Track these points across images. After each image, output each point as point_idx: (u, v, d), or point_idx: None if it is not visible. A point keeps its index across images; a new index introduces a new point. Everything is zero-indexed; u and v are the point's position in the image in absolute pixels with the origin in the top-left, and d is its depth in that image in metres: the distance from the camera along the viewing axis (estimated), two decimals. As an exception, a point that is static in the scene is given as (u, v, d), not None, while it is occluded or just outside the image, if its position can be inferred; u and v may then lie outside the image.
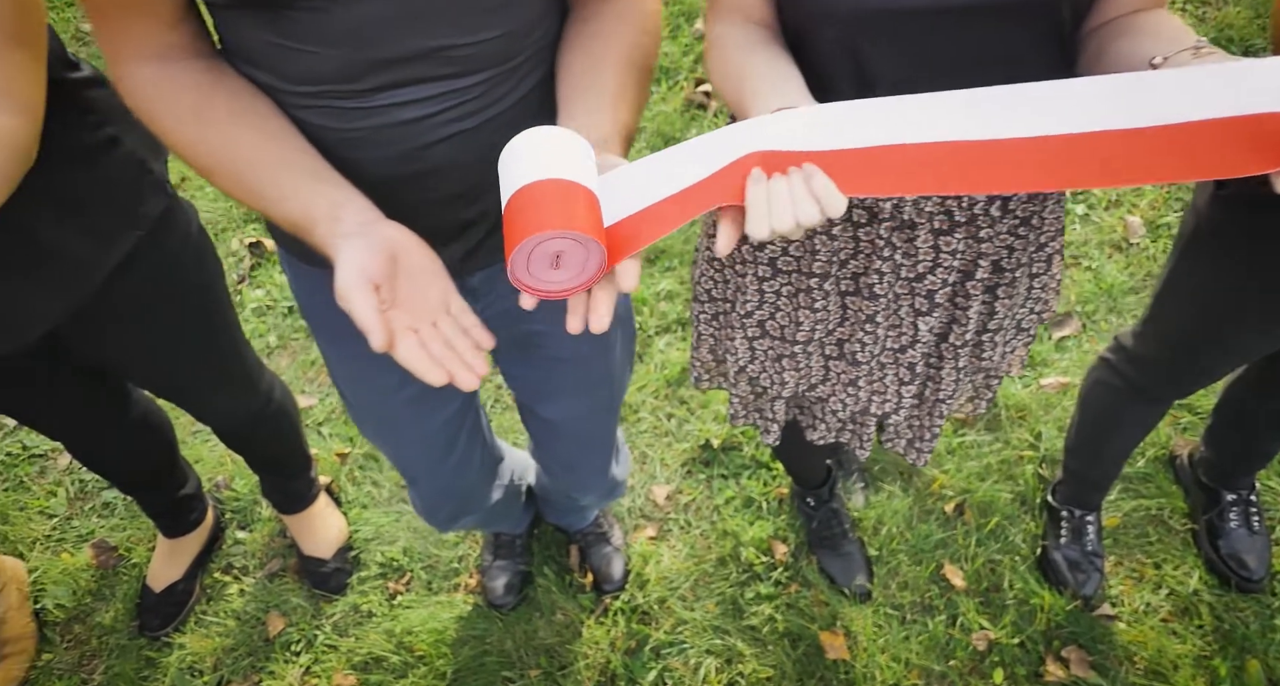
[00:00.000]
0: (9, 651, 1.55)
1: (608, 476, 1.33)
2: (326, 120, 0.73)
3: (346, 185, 0.70)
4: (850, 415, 1.03)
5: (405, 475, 1.19)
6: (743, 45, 0.73)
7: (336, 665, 1.56)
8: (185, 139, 0.71)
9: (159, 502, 1.56)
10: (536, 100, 0.79)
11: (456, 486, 1.21)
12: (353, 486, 1.79)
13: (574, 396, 1.12)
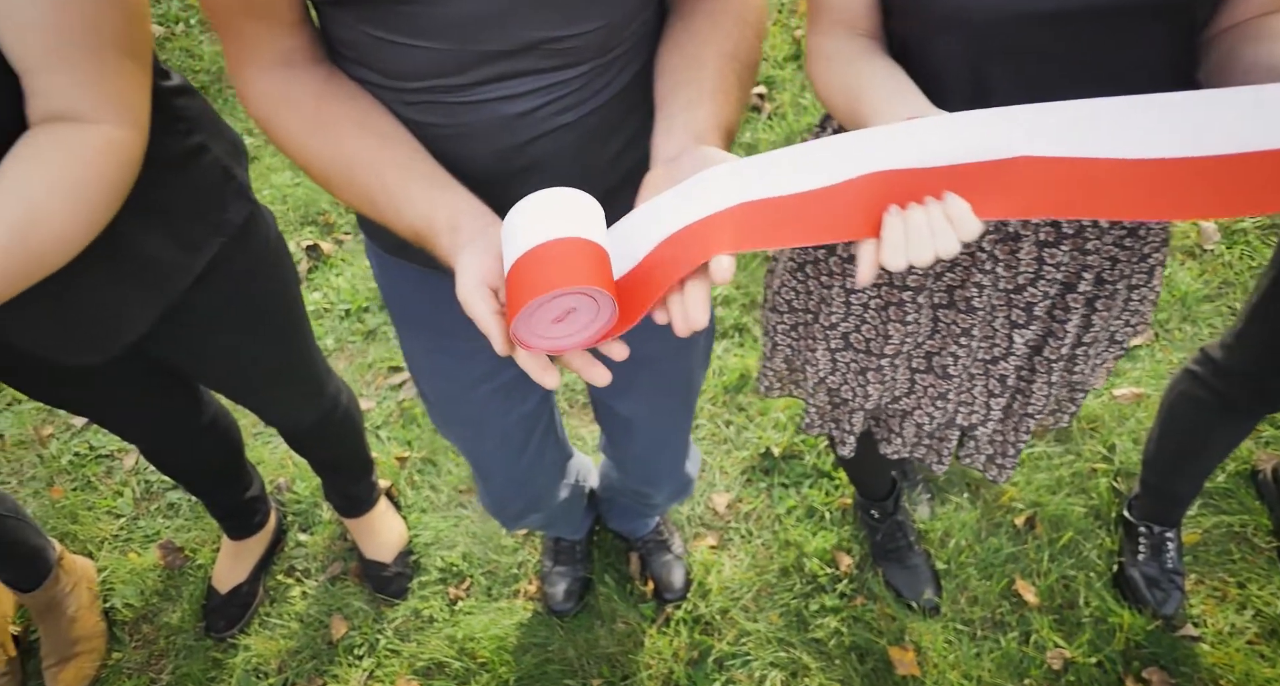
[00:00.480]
0: (80, 649, 1.57)
1: (682, 472, 1.31)
2: (429, 116, 0.73)
3: (460, 190, 0.69)
4: (934, 428, 1.00)
5: (478, 470, 1.19)
6: (852, 57, 0.71)
7: (399, 670, 1.57)
8: (305, 149, 0.72)
9: (225, 504, 1.58)
10: (634, 93, 0.77)
11: (528, 482, 1.21)
12: (412, 490, 1.79)
13: (652, 393, 1.11)
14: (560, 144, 0.75)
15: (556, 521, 1.44)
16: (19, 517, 1.44)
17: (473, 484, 1.80)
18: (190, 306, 1.04)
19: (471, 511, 1.77)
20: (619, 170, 0.82)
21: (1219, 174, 0.54)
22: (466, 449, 1.14)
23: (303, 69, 0.72)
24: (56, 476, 1.84)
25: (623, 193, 0.84)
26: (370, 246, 0.96)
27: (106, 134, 0.72)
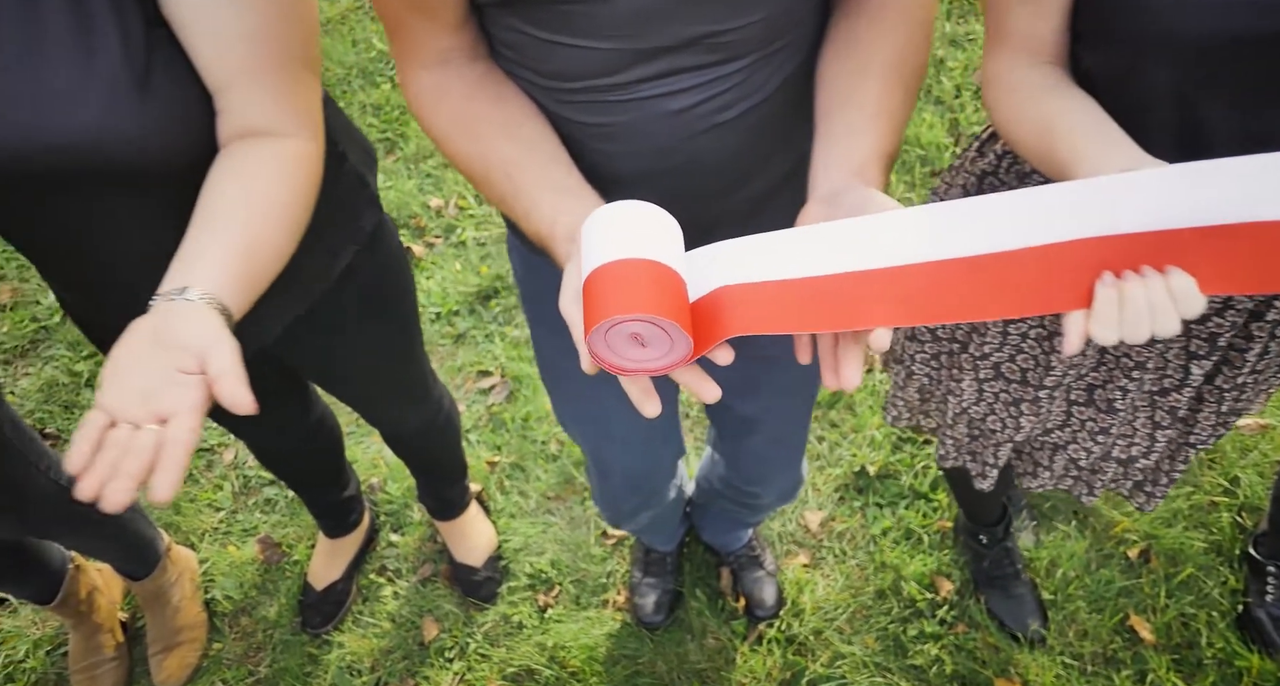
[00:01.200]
0: (183, 638, 1.61)
1: (795, 471, 1.29)
2: (586, 115, 0.72)
3: (589, 201, 0.69)
4: (1091, 462, 0.96)
5: (597, 467, 1.19)
6: (1043, 90, 0.67)
7: (489, 674, 1.57)
8: (450, 146, 0.73)
9: (323, 503, 1.60)
10: (794, 90, 0.75)
11: (646, 480, 1.21)
12: (501, 495, 1.80)
13: (776, 394, 1.09)
14: (718, 142, 0.74)
15: (659, 523, 1.43)
16: (134, 508, 1.48)
17: (562, 491, 1.80)
18: (320, 311, 1.06)
19: (560, 519, 1.77)
20: (775, 172, 0.80)
21: None
22: (589, 446, 1.14)
23: (458, 67, 0.73)
24: (160, 468, 1.89)
25: (779, 196, 0.82)
26: (513, 243, 0.97)
27: (297, 149, 0.73)
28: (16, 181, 0.72)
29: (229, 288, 0.66)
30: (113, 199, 0.76)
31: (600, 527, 1.75)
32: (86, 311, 0.94)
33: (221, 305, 0.64)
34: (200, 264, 0.65)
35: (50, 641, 1.64)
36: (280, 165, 0.72)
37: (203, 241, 0.67)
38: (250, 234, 0.69)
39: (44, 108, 0.68)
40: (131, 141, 0.70)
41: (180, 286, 0.64)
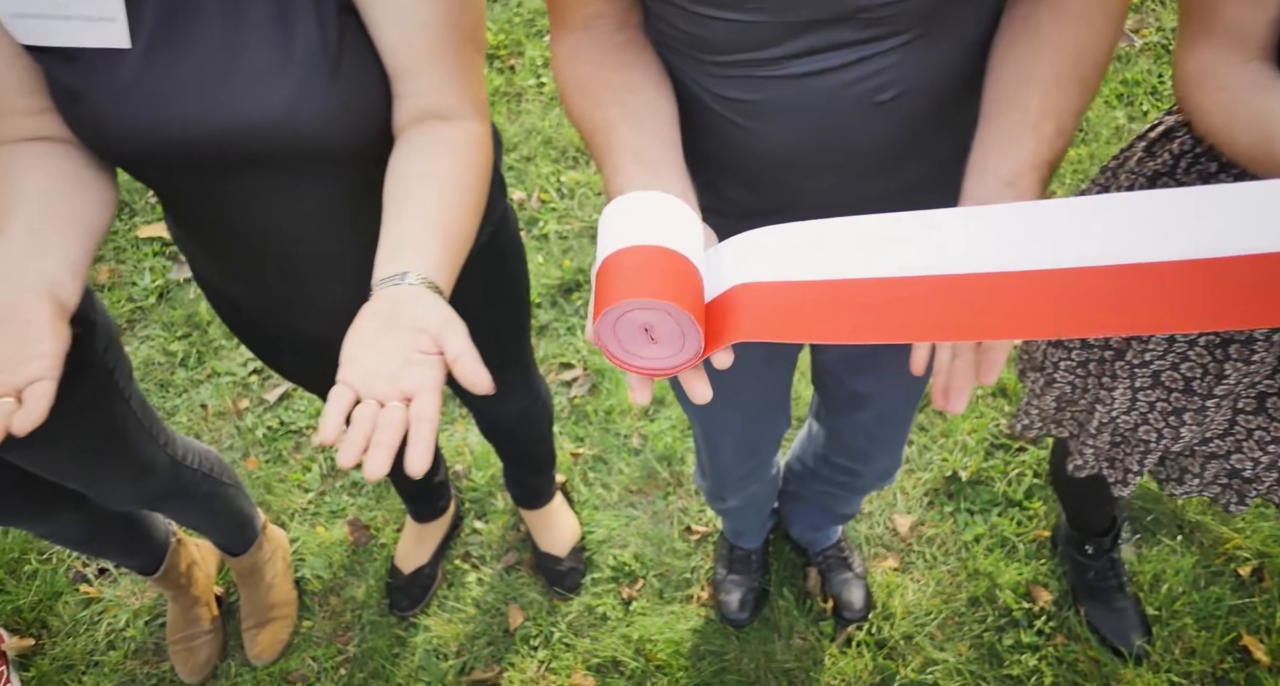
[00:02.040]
0: (276, 615, 1.65)
1: (898, 451, 1.27)
2: (736, 90, 0.71)
3: (668, 178, 0.68)
4: (1255, 472, 0.92)
5: (708, 439, 1.19)
6: (1258, 87, 0.63)
7: (573, 664, 1.58)
8: (569, 105, 0.73)
9: (415, 487, 1.62)
10: (960, 74, 0.72)
11: (758, 447, 1.21)
12: (585, 487, 1.81)
13: (892, 373, 1.08)
14: (871, 125, 0.72)
15: (756, 505, 1.43)
16: (237, 485, 1.52)
17: (645, 485, 1.80)
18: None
19: (642, 513, 1.77)
20: (930, 159, 0.78)
21: None
22: (702, 414, 1.14)
23: (600, 33, 0.73)
24: (251, 448, 1.94)
25: (931, 186, 0.80)
26: None
27: (474, 131, 0.75)
28: (209, 159, 0.74)
29: (438, 270, 0.68)
30: (287, 178, 0.78)
31: (684, 523, 1.74)
32: (235, 287, 0.96)
33: (438, 287, 0.66)
34: (410, 249, 0.67)
35: (149, 611, 1.69)
36: (462, 148, 0.74)
37: (407, 227, 0.69)
38: (446, 216, 0.71)
39: (243, 89, 0.70)
40: (320, 123, 0.72)
41: (400, 272, 0.66)
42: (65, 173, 0.73)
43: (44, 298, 0.64)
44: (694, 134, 0.79)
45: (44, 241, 0.67)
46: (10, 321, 0.61)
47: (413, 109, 0.74)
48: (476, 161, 0.74)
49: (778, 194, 0.81)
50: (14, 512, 1.18)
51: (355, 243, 0.87)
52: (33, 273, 0.65)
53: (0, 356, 0.60)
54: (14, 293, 0.63)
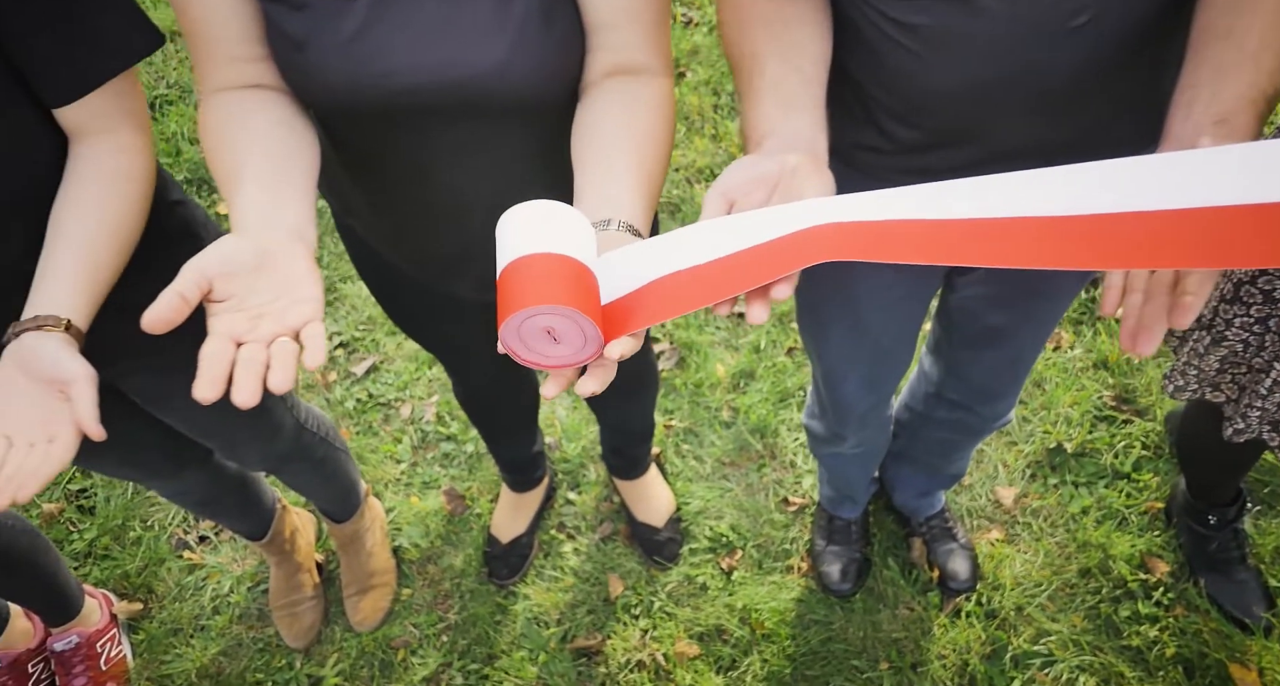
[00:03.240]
0: (376, 582, 1.66)
1: (1014, 398, 1.26)
2: (907, 13, 0.70)
3: (802, 120, 0.68)
4: None
5: (835, 373, 1.18)
6: None
7: (676, 632, 1.57)
8: (727, 39, 0.77)
9: (514, 456, 1.63)
10: (1156, 3, 0.68)
11: (883, 384, 1.21)
12: (679, 459, 1.80)
13: (1029, 314, 1.07)
14: (1060, 52, 0.69)
15: (869, 453, 1.41)
16: (346, 451, 1.53)
17: (737, 457, 1.79)
18: None
19: (736, 485, 1.76)
20: (1114, 98, 0.75)
21: None
22: (830, 350, 1.14)
23: None
24: (341, 420, 1.95)
25: (1112, 129, 0.77)
26: None
27: (663, 85, 0.75)
28: (420, 111, 0.75)
29: (639, 218, 0.68)
30: (487, 131, 0.79)
31: (780, 494, 1.73)
32: (401, 247, 0.96)
33: (639, 232, 0.67)
34: (614, 197, 0.68)
35: (250, 578, 1.71)
36: (655, 104, 0.74)
37: (611, 176, 0.69)
38: (645, 168, 0.71)
39: (463, 42, 0.71)
40: (532, 77, 0.73)
41: (605, 219, 0.67)
42: (283, 120, 0.74)
43: (298, 243, 0.65)
44: (859, 66, 0.77)
45: (281, 189, 0.68)
46: (274, 267, 0.62)
47: (607, 63, 0.75)
48: (666, 116, 0.74)
49: (945, 131, 0.79)
50: (153, 470, 1.20)
51: (535, 195, 0.88)
52: (281, 220, 0.66)
53: (270, 301, 0.61)
54: (272, 240, 0.63)
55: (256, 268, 0.62)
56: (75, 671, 1.51)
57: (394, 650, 1.61)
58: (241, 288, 0.61)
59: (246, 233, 0.64)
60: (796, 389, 1.87)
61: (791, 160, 0.64)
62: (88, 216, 0.76)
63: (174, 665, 1.60)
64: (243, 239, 0.63)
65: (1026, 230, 0.54)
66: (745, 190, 0.64)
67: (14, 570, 1.33)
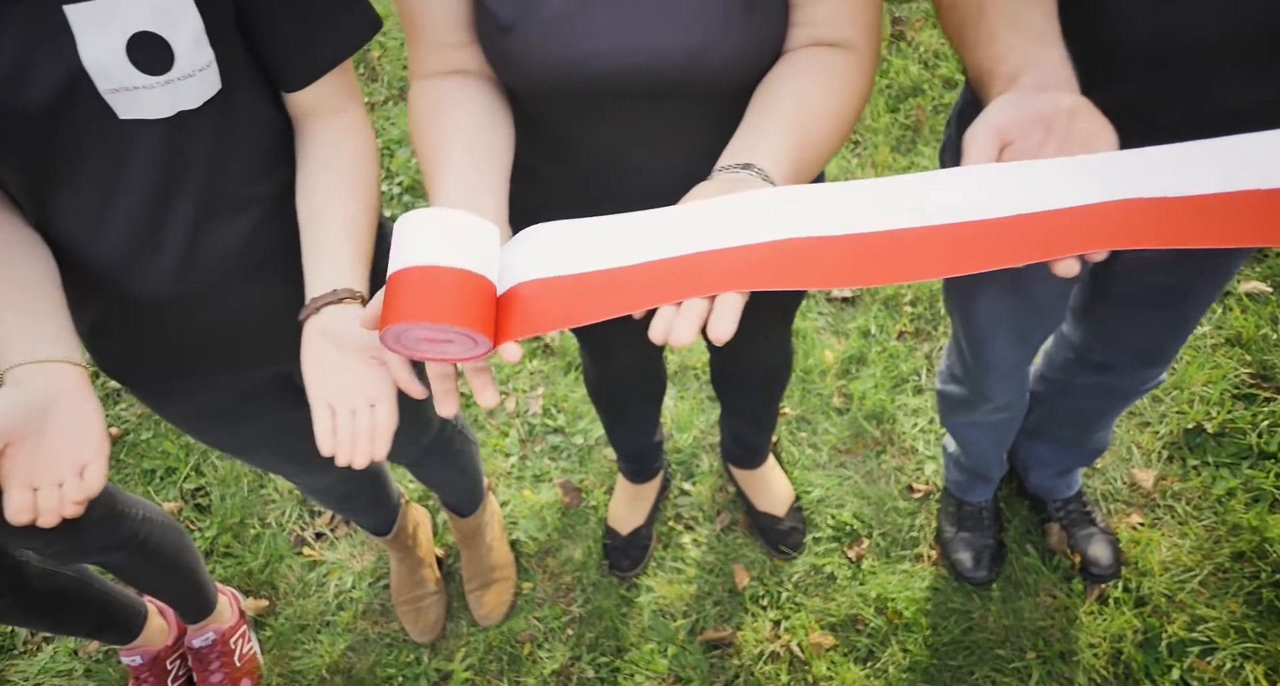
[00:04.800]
0: (497, 576, 1.65)
1: (1167, 364, 1.21)
2: None
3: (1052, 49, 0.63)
4: None
5: (982, 333, 1.16)
6: None
7: (808, 623, 1.54)
8: None
9: (636, 446, 1.60)
10: None
11: (1031, 338, 1.17)
12: (794, 448, 1.77)
13: (1196, 278, 1.03)
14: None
15: (1007, 422, 1.38)
16: (476, 444, 1.52)
17: (853, 445, 1.75)
18: None
19: (854, 472, 1.72)
20: None
21: None
22: (980, 309, 1.13)
23: None
24: (446, 415, 1.95)
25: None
26: None
27: (858, 60, 0.72)
28: (620, 92, 0.74)
29: (781, 171, 0.66)
30: (681, 113, 0.77)
31: (902, 481, 1.69)
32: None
33: (771, 181, 0.64)
34: (761, 146, 0.66)
35: (370, 573, 1.71)
36: (846, 74, 0.71)
37: (765, 126, 0.68)
38: (805, 132, 0.69)
39: (666, 24, 0.70)
40: (732, 59, 0.71)
41: (744, 161, 0.65)
42: (485, 109, 0.75)
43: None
44: (1072, 13, 0.74)
45: (477, 188, 0.70)
46: None
47: (808, 38, 0.72)
48: (853, 93, 0.71)
49: (1155, 86, 0.75)
50: (309, 463, 1.19)
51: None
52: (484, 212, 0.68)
53: None
54: None
55: None
56: (212, 667, 1.52)
57: (520, 644, 1.60)
58: None
59: None
60: (910, 373, 1.82)
61: (1066, 100, 0.59)
62: (346, 194, 0.77)
63: (303, 661, 1.60)
64: None
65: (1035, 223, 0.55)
66: (1024, 130, 0.58)
67: (165, 568, 1.34)
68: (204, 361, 0.92)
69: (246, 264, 0.84)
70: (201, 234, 0.79)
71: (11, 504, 0.63)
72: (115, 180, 0.73)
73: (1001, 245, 0.54)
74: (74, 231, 0.76)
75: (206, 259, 0.81)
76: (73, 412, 0.67)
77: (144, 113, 0.69)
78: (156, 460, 1.89)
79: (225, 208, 0.80)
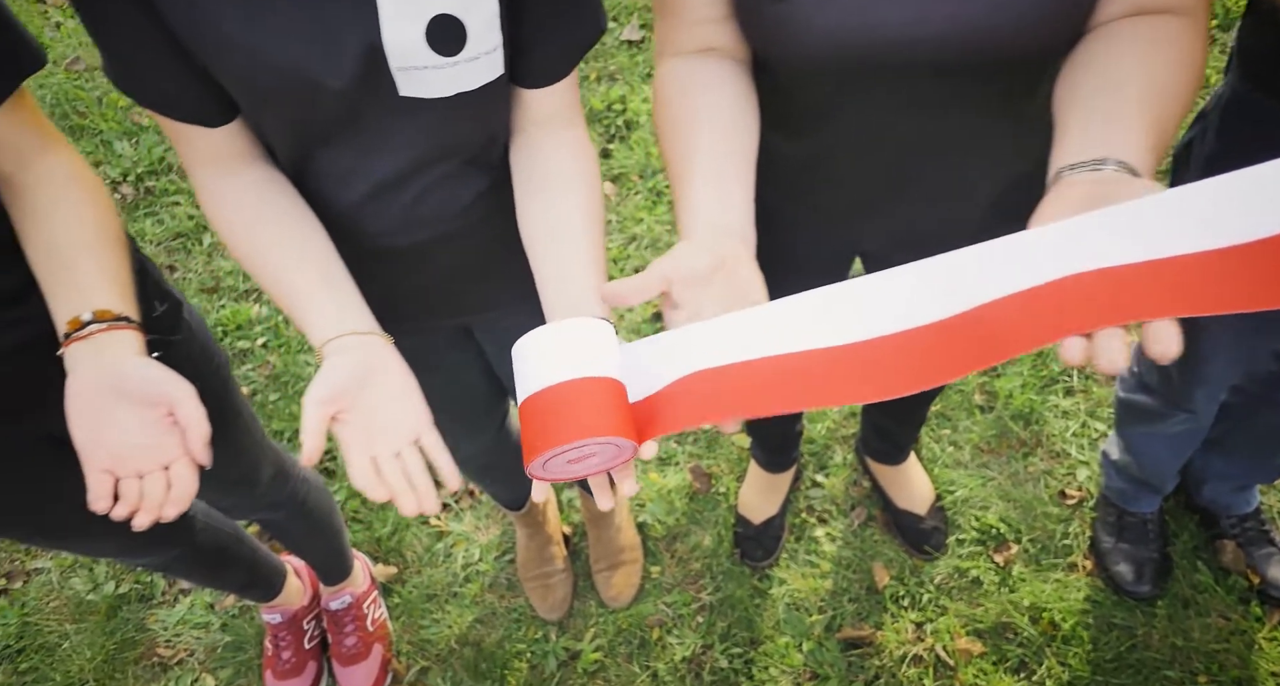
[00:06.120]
0: (625, 558, 1.62)
1: None
2: None
3: None
4: None
5: (1200, 355, 1.09)
6: None
7: (953, 627, 1.48)
8: None
9: (780, 435, 1.55)
10: None
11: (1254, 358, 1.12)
12: (935, 445, 1.70)
13: None
14: None
15: (1193, 432, 1.29)
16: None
17: (997, 445, 1.67)
18: None
19: (998, 473, 1.64)
20: None
21: None
22: (1196, 360, 1.07)
23: None
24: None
25: None
26: None
27: (1192, 26, 0.64)
28: (901, 65, 0.69)
29: (1145, 163, 0.58)
30: (948, 89, 0.72)
31: (1054, 486, 1.60)
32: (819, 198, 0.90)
33: (1136, 172, 0.57)
34: (1113, 136, 0.59)
35: (496, 547, 1.70)
36: (1184, 42, 0.63)
37: (1118, 112, 0.60)
38: (1156, 112, 0.62)
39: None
40: (1039, 30, 0.65)
41: (1099, 156, 0.58)
42: (740, 93, 0.72)
43: (744, 246, 0.65)
44: None
45: (727, 186, 0.68)
46: (727, 272, 0.63)
47: (1129, 5, 0.65)
48: (1194, 63, 0.63)
49: None
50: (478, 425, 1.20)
51: (976, 165, 0.80)
52: (727, 225, 0.66)
53: (726, 306, 0.62)
54: (722, 244, 0.64)
55: (710, 275, 0.63)
56: (346, 630, 1.53)
57: (649, 628, 1.57)
58: (694, 295, 0.63)
59: (696, 237, 0.65)
60: (1061, 374, 1.73)
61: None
62: (591, 228, 0.76)
63: (431, 630, 1.61)
64: (699, 247, 0.64)
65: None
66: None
67: (317, 529, 1.35)
68: (409, 311, 0.92)
69: (466, 223, 0.82)
70: (438, 194, 0.78)
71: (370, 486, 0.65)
72: (377, 147, 0.72)
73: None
74: (319, 185, 0.74)
75: (435, 215, 0.79)
76: (395, 384, 0.68)
77: (425, 91, 0.68)
78: (284, 422, 1.92)
79: (469, 173, 0.78)
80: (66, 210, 0.72)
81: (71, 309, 0.68)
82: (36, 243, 0.71)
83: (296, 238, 0.71)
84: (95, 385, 0.65)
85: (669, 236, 2.04)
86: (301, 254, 0.70)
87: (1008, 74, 0.71)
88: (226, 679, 1.58)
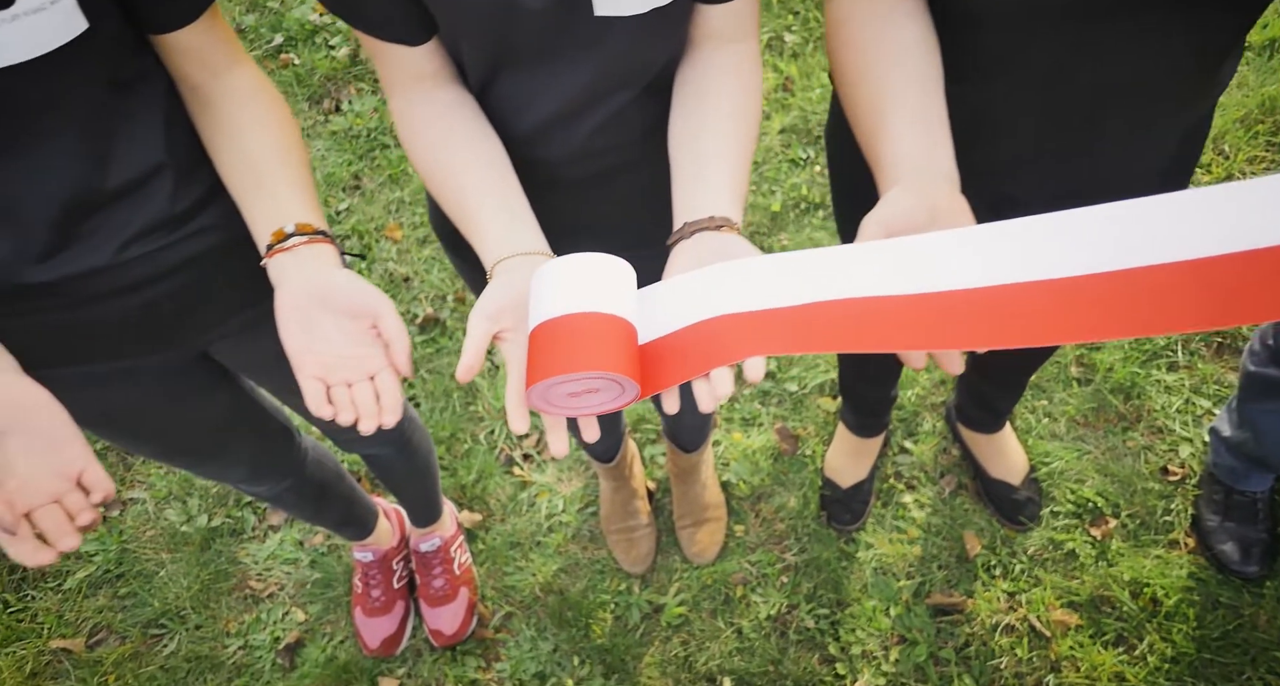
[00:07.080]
0: (709, 515, 1.62)
1: None
2: None
3: None
4: None
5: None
6: None
7: (1048, 598, 1.45)
8: None
9: (874, 399, 1.53)
10: None
11: None
12: (1029, 415, 1.66)
13: None
14: None
15: None
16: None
17: (1093, 418, 1.63)
18: None
19: (1094, 447, 1.60)
20: None
21: None
22: None
23: None
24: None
25: None
26: None
27: None
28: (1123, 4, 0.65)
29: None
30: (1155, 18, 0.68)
31: (1155, 462, 1.56)
32: (995, 144, 0.87)
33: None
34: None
35: (579, 499, 1.71)
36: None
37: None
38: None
39: None
40: None
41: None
42: (923, 30, 0.69)
43: (954, 187, 0.65)
44: None
45: (933, 128, 0.67)
46: (942, 217, 0.62)
47: None
48: None
49: None
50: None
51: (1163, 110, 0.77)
52: (938, 169, 0.65)
53: None
54: (935, 188, 0.63)
55: (928, 223, 0.62)
56: (435, 572, 1.55)
57: (733, 586, 1.56)
58: None
59: (908, 183, 0.64)
60: (1165, 348, 1.68)
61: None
62: (743, 132, 0.75)
63: (515, 577, 1.62)
64: (909, 192, 0.63)
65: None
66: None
67: (416, 469, 1.36)
68: (576, 245, 0.91)
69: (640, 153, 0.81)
70: (616, 122, 0.76)
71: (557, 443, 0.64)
72: (564, 70, 0.71)
73: None
74: (501, 108, 0.73)
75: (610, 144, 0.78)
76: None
77: (619, 9, 0.66)
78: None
79: (645, 102, 0.77)
80: (255, 124, 0.72)
81: (271, 221, 0.68)
82: (230, 154, 0.72)
83: (481, 161, 0.71)
84: (306, 295, 0.66)
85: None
86: (483, 177, 0.70)
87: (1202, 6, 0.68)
88: (316, 614, 1.62)
